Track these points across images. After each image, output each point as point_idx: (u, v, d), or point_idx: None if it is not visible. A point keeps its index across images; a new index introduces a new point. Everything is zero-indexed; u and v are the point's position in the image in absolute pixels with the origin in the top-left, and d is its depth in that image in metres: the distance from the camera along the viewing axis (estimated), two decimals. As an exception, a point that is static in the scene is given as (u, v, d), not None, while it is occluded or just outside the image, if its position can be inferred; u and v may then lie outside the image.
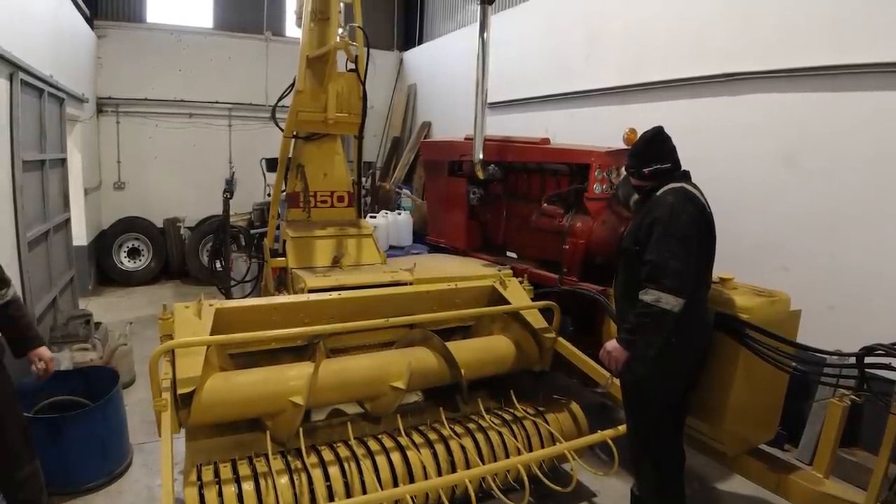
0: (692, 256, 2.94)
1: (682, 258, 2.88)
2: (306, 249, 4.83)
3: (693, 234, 2.98)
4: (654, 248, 2.94)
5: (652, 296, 2.86)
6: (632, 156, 3.35)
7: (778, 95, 5.05)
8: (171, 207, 10.55)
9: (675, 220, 2.95)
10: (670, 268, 2.85)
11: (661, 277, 2.85)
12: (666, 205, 3.03)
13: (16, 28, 5.11)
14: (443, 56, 9.26)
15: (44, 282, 5.70)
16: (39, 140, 5.77)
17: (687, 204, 3.04)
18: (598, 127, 6.81)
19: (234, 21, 11.60)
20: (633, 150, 3.38)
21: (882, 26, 4.27)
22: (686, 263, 2.89)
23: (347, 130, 5.22)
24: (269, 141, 6.56)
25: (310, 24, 5.02)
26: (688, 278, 2.90)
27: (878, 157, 4.29)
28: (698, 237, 3.02)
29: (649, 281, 2.90)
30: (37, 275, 5.37)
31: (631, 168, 3.36)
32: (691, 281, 2.93)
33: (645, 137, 3.32)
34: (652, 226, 2.99)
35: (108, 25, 10.21)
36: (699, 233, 3.03)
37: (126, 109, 10.44)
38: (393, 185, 9.34)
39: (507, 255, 5.87)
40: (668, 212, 2.98)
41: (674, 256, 2.87)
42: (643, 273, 2.94)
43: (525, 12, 8.71)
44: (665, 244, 2.91)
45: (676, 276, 2.85)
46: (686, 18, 5.97)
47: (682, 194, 3.07)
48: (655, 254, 2.91)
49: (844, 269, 4.50)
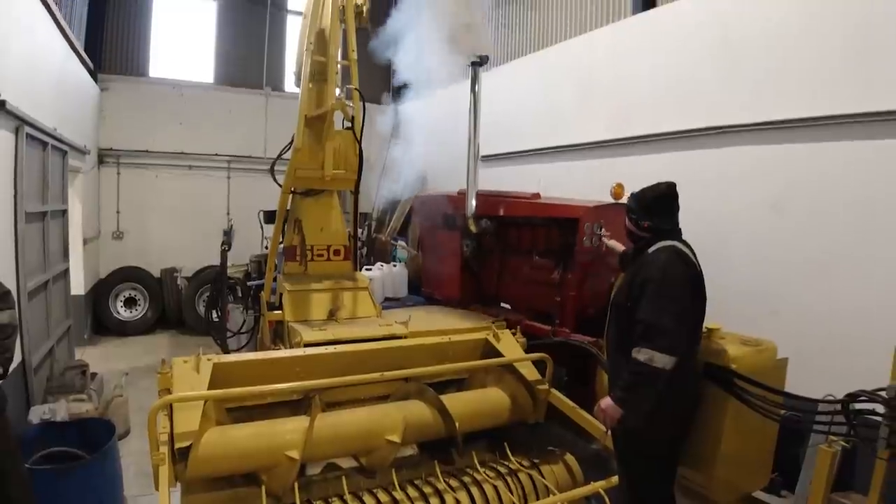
0: (684, 315, 3.04)
1: (674, 317, 2.97)
2: (303, 303, 4.92)
3: (685, 293, 3.08)
4: (646, 307, 3.03)
5: (645, 355, 2.94)
6: (638, 202, 3.42)
7: (763, 147, 5.24)
8: (168, 257, 10.67)
9: (667, 279, 3.05)
10: (663, 327, 2.94)
11: (654, 337, 2.94)
12: (658, 263, 3.13)
13: (23, 82, 5.28)
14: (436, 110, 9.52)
15: (42, 331, 5.74)
16: (42, 192, 5.89)
17: (679, 263, 3.14)
18: (589, 179, 7.01)
19: (235, 76, 11.97)
20: (642, 197, 3.41)
21: (860, 79, 4.50)
22: (678, 322, 2.99)
23: (344, 186, 5.38)
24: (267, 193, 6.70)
25: (308, 84, 5.22)
26: (680, 337, 2.99)
27: (862, 202, 4.45)
28: (689, 296, 3.13)
29: (643, 340, 2.98)
30: (35, 325, 5.42)
31: (632, 214, 3.45)
32: (683, 339, 3.03)
33: (658, 191, 3.36)
34: (644, 284, 3.09)
35: (111, 79, 10.51)
36: (690, 292, 3.14)
37: (127, 161, 10.66)
38: (388, 236, 9.49)
39: (502, 306, 5.96)
40: (660, 270, 3.09)
41: (666, 316, 2.96)
42: (636, 331, 3.03)
43: (517, 68, 9.03)
44: (658, 303, 3.00)
45: (669, 335, 2.93)
46: (672, 73, 6.22)
47: (674, 253, 3.18)
48: (648, 313, 3.00)
49: (833, 313, 4.60)
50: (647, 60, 6.56)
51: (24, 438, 3.77)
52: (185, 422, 3.03)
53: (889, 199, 4.30)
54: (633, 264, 3.43)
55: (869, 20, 4.47)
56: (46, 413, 4.33)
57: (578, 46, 7.92)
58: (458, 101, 6.70)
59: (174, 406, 3.12)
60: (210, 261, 9.99)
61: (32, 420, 4.27)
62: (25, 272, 5.08)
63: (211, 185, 11.37)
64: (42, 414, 4.32)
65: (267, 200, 6.79)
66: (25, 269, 5.08)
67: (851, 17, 4.59)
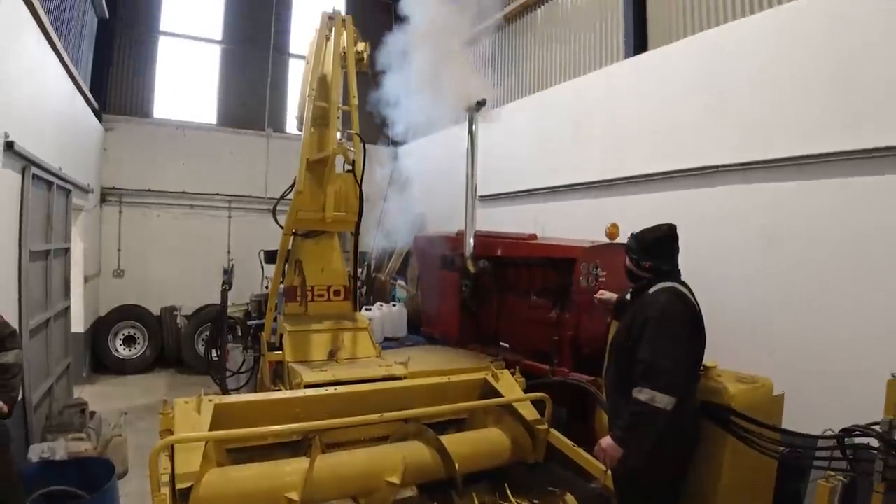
0: (684, 355, 3.10)
1: (674, 357, 3.03)
2: (303, 343, 4.96)
3: (684, 334, 3.15)
4: (647, 348, 3.08)
5: (646, 395, 2.99)
6: (638, 243, 3.51)
7: (753, 185, 5.36)
8: (168, 295, 10.69)
9: (667, 320, 3.12)
10: (663, 367, 2.99)
11: (655, 377, 2.99)
12: (658, 304, 3.20)
13: (31, 123, 5.40)
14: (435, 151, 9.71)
15: (42, 369, 5.75)
16: (46, 230, 5.96)
17: (678, 303, 3.22)
18: (584, 218, 7.11)
19: (238, 117, 12.18)
20: (643, 238, 3.50)
21: (845, 118, 4.64)
22: (678, 363, 3.05)
23: (345, 228, 5.49)
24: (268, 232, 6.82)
25: (310, 128, 5.37)
26: (680, 377, 3.05)
27: (852, 238, 4.54)
28: (689, 336, 3.19)
29: (643, 380, 3.02)
30: (36, 362, 5.44)
31: (632, 254, 3.53)
32: (683, 379, 3.08)
33: (658, 233, 3.45)
34: (645, 324, 3.16)
35: (116, 119, 10.71)
36: (690, 332, 3.20)
37: (129, 199, 10.77)
38: (388, 276, 9.56)
39: (501, 346, 6.00)
40: (660, 311, 3.16)
41: (666, 356, 3.02)
42: (637, 372, 3.08)
43: (513, 111, 9.23)
44: (658, 343, 3.06)
45: (669, 375, 2.99)
46: (663, 115, 6.38)
47: (673, 294, 3.25)
48: (649, 353, 3.06)
49: (828, 348, 4.63)
50: (639, 103, 6.74)
51: (24, 477, 3.78)
52: (186, 463, 3.05)
53: (878, 233, 4.40)
54: (632, 305, 3.50)
55: (851, 61, 4.64)
56: (46, 452, 4.33)
57: (572, 89, 8.15)
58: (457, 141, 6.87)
59: (175, 447, 3.15)
60: (210, 299, 10.04)
61: (32, 458, 4.27)
62: (28, 310, 5.12)
63: (212, 224, 11.47)
64: (41, 452, 4.32)
65: (267, 240, 6.89)
66: (28, 307, 5.13)
67: (834, 60, 4.76)
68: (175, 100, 11.74)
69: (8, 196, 4.90)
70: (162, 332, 10.39)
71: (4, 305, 4.62)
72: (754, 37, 5.46)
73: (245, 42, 12.39)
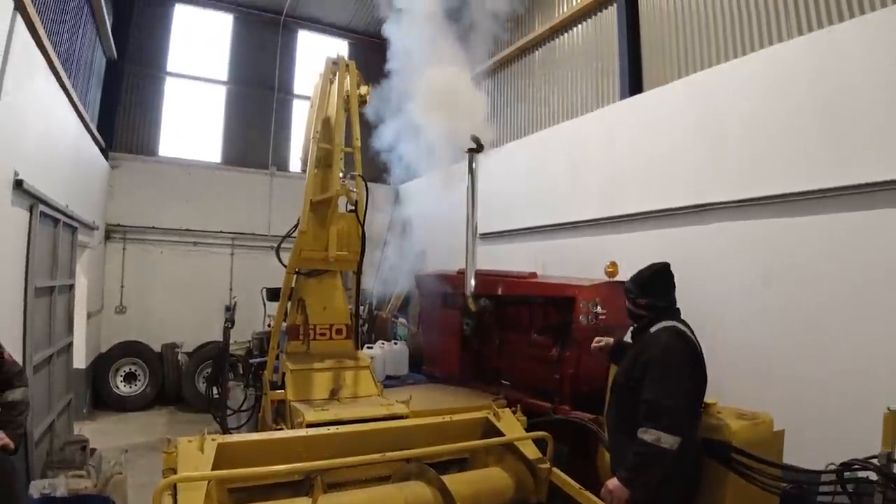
0: (687, 394, 3.14)
1: (677, 397, 3.07)
2: (305, 382, 4.97)
3: (686, 373, 3.19)
4: (650, 388, 3.12)
5: (652, 435, 3.01)
6: (634, 282, 3.60)
7: (748, 222, 5.47)
8: (169, 332, 10.73)
9: (670, 359, 3.17)
10: (667, 407, 3.02)
11: (659, 417, 3.02)
12: (660, 343, 3.25)
13: (39, 161, 5.51)
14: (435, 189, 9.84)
15: (43, 405, 5.75)
16: (52, 267, 6.03)
17: (680, 342, 3.27)
18: (584, 255, 7.18)
19: (242, 156, 12.43)
20: (638, 277, 3.60)
21: (836, 155, 4.76)
22: (681, 402, 3.08)
23: (347, 267, 5.55)
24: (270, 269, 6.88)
25: (314, 170, 5.48)
26: (684, 416, 3.08)
27: (847, 272, 4.62)
28: (691, 374, 3.23)
29: (648, 420, 3.05)
30: (38, 398, 5.44)
31: (630, 293, 3.61)
32: (686, 418, 3.11)
33: (652, 270, 3.57)
34: (647, 364, 3.20)
35: (122, 157, 10.96)
36: (692, 370, 3.25)
37: (133, 236, 10.94)
38: (389, 313, 9.58)
39: (502, 384, 6.00)
40: (662, 351, 3.21)
41: (670, 395, 3.05)
42: (641, 412, 3.10)
43: (512, 150, 9.41)
44: (661, 383, 3.10)
45: (673, 415, 3.02)
46: (658, 153, 6.53)
47: (675, 333, 3.31)
48: (652, 393, 3.09)
49: (826, 383, 4.66)
50: (635, 142, 6.90)
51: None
52: (189, 502, 3.06)
53: (872, 267, 4.47)
54: (634, 345, 3.55)
55: (840, 100, 4.78)
56: (46, 488, 4.32)
57: (570, 129, 8.35)
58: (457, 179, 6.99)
59: (178, 486, 3.16)
60: (211, 336, 10.07)
61: (33, 494, 4.25)
62: (32, 346, 5.16)
63: (215, 261, 11.57)
64: (42, 489, 4.31)
65: (270, 277, 6.94)
66: (32, 343, 5.17)
67: (823, 98, 4.91)
68: (180, 138, 11.99)
69: (16, 233, 4.99)
70: (163, 368, 10.40)
71: (9, 341, 4.65)
72: (746, 78, 5.63)
73: (250, 82, 12.72)
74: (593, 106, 8.39)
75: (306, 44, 13.56)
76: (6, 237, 4.80)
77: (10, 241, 4.86)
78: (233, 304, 7.95)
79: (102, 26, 9.09)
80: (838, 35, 4.94)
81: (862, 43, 4.70)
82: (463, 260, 6.12)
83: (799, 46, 5.26)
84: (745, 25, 6.23)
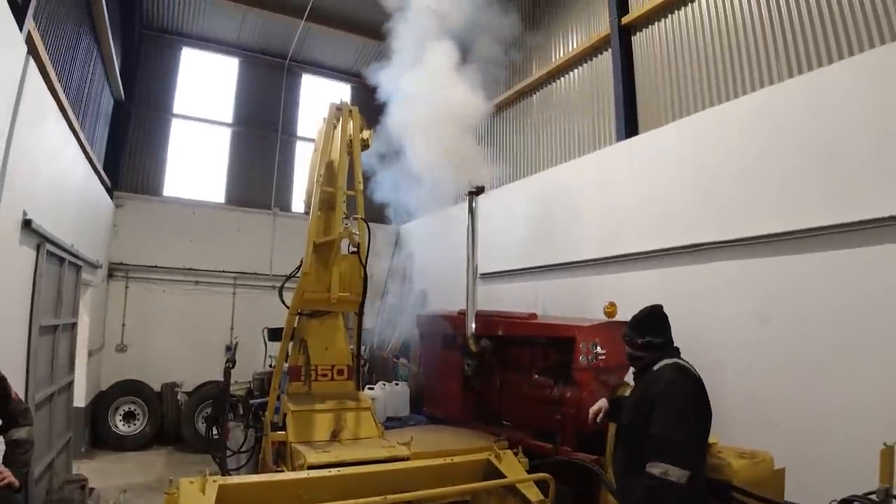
0: (694, 429, 3.17)
1: (684, 430, 3.09)
2: (306, 423, 4.98)
3: (693, 407, 3.22)
4: (657, 422, 3.13)
5: (659, 468, 3.02)
6: (630, 326, 3.66)
7: (743, 261, 5.55)
8: (170, 371, 10.70)
9: (674, 394, 3.19)
10: (675, 440, 3.03)
11: (667, 450, 3.03)
12: (665, 380, 3.29)
13: (48, 202, 5.61)
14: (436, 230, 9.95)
15: (44, 444, 5.70)
16: (56, 306, 6.06)
17: (684, 378, 3.31)
18: (582, 295, 7.26)
19: (245, 196, 12.59)
20: (633, 321, 3.67)
21: (829, 194, 4.88)
22: (689, 435, 3.10)
23: (349, 308, 5.61)
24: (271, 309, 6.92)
25: (317, 212, 5.59)
26: (691, 450, 3.09)
27: (842, 309, 4.68)
28: (697, 409, 3.26)
29: (656, 454, 3.06)
30: (38, 437, 5.38)
31: (627, 337, 3.67)
32: (694, 452, 3.13)
33: (644, 312, 3.64)
34: (653, 400, 3.23)
35: (126, 196, 11.10)
36: (697, 405, 3.27)
37: (135, 275, 10.99)
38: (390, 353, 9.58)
39: (503, 424, 5.99)
40: (666, 386, 3.24)
41: (677, 429, 3.07)
42: (648, 447, 3.11)
43: (511, 191, 9.56)
44: (668, 418, 3.11)
45: (681, 448, 3.03)
46: (654, 194, 6.65)
47: (678, 369, 3.35)
48: (659, 427, 3.10)
49: (825, 419, 4.67)
50: (632, 183, 7.03)
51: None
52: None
53: (866, 303, 4.54)
54: (638, 385, 3.58)
55: (832, 140, 4.92)
56: (46, 527, 4.31)
57: (568, 170, 8.50)
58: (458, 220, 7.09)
59: (180, 529, 3.17)
60: (211, 376, 10.04)
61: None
62: (35, 384, 5.16)
63: (216, 300, 11.61)
64: (42, 527, 4.30)
65: (271, 317, 6.99)
66: (35, 381, 5.17)
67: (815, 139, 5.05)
68: (185, 178, 12.18)
69: (22, 272, 5.05)
70: (162, 408, 10.34)
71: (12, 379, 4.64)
72: (738, 120, 5.80)
73: (254, 124, 12.98)
74: (590, 147, 8.56)
75: (309, 87, 13.88)
76: (13, 275, 4.86)
77: (16, 280, 4.92)
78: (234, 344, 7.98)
79: (111, 69, 9.33)
80: (827, 76, 5.12)
81: (851, 83, 4.87)
82: (463, 300, 6.18)
83: (789, 88, 5.44)
84: (736, 69, 6.43)
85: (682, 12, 7.30)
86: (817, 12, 5.61)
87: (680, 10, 7.31)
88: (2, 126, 4.34)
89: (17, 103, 4.59)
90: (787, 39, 5.86)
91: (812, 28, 5.65)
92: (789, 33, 5.84)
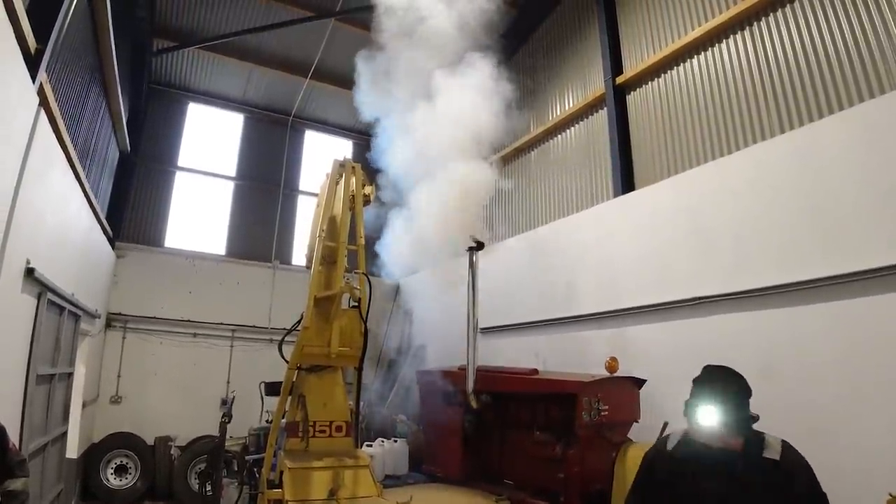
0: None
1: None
2: (303, 481, 4.88)
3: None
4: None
5: None
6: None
7: (743, 314, 5.56)
8: (164, 424, 10.47)
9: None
10: None
11: None
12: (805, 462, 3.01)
13: (51, 251, 5.60)
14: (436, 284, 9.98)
15: (35, 495, 5.49)
16: (53, 355, 5.99)
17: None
18: (583, 349, 7.23)
19: (246, 249, 12.63)
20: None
21: (827, 247, 4.94)
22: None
23: (348, 363, 5.57)
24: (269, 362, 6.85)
25: (319, 267, 5.63)
26: None
27: (845, 359, 4.68)
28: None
29: None
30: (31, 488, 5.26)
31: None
32: None
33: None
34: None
35: (128, 247, 11.10)
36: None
37: (134, 326, 10.87)
38: (389, 409, 9.46)
39: (505, 483, 5.88)
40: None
41: None
42: None
43: (511, 247, 9.63)
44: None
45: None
46: (652, 248, 6.72)
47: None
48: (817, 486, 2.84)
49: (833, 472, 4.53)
50: (629, 237, 7.13)
51: None
52: None
53: (868, 351, 4.54)
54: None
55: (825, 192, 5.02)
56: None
57: (566, 225, 8.62)
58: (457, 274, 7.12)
59: None
60: (206, 430, 9.85)
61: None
62: (29, 434, 5.06)
63: (214, 353, 11.49)
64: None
65: (268, 371, 6.92)
66: (30, 430, 5.07)
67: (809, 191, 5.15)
68: (187, 230, 12.26)
69: (23, 320, 5.01)
70: (154, 462, 10.08)
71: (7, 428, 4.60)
72: (732, 174, 5.93)
73: (257, 178, 13.18)
74: (588, 203, 8.69)
75: (312, 142, 14.15)
76: (13, 323, 4.83)
77: (16, 328, 4.89)
78: (231, 398, 7.88)
79: (118, 121, 9.49)
80: (819, 130, 5.27)
81: (842, 137, 5.00)
82: (463, 354, 6.14)
83: (782, 143, 5.58)
84: (728, 125, 6.61)
85: (674, 72, 7.55)
86: (806, 69, 5.83)
87: (672, 69, 7.57)
88: (11, 175, 4.39)
89: (26, 153, 4.65)
90: (777, 96, 6.06)
91: (801, 84, 5.87)
92: (780, 90, 6.06)
